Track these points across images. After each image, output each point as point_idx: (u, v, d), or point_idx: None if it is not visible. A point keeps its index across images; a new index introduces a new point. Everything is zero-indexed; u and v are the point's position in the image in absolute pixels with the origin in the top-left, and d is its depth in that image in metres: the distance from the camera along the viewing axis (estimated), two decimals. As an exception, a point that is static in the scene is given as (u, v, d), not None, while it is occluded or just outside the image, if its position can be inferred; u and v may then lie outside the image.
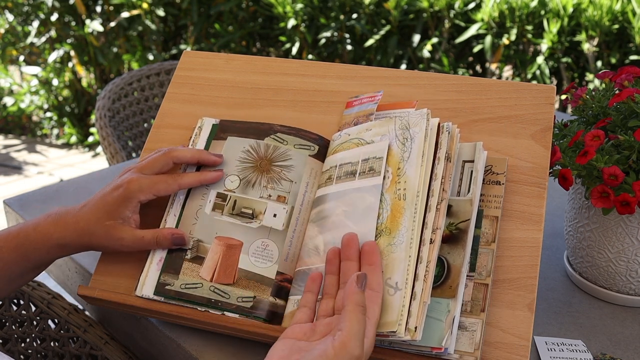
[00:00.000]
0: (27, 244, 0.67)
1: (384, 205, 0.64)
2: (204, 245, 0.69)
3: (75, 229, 0.67)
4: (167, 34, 3.54)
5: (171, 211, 0.71)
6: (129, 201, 0.67)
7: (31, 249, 0.67)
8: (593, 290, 0.81)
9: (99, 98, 1.56)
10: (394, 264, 0.60)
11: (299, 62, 0.84)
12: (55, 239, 0.67)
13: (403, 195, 0.63)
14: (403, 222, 0.62)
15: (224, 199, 0.71)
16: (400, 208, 0.63)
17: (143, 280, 0.68)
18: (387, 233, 0.62)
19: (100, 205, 0.67)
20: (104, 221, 0.67)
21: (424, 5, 2.66)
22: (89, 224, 0.67)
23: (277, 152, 0.73)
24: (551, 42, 2.44)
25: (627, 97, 0.73)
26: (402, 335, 0.57)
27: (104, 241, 0.67)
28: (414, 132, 0.66)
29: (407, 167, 0.65)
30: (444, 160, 0.65)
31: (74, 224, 0.67)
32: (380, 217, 0.64)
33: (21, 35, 3.68)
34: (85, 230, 0.67)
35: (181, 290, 0.67)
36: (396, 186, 0.64)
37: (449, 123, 0.67)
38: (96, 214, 0.67)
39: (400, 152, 0.66)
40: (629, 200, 0.68)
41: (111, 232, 0.67)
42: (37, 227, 0.67)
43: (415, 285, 0.59)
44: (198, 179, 0.71)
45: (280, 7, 2.86)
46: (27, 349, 0.88)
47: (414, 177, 0.64)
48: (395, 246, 0.61)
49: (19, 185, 3.12)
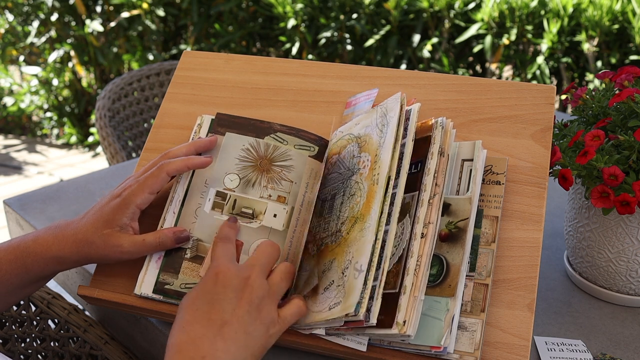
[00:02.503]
0: (26, 256, 0.66)
1: (362, 193, 0.64)
2: (204, 245, 0.69)
3: (74, 240, 0.66)
4: (167, 34, 3.54)
5: (170, 208, 0.71)
6: (125, 207, 0.67)
7: (30, 261, 0.66)
8: (593, 290, 0.81)
9: (99, 98, 1.56)
10: (362, 248, 0.60)
11: (299, 62, 0.84)
12: (53, 251, 0.66)
13: (377, 180, 0.63)
14: (374, 206, 0.62)
15: (223, 198, 0.71)
16: (374, 193, 0.63)
17: (142, 279, 0.68)
18: (361, 219, 0.62)
19: (98, 214, 0.67)
20: (102, 230, 0.66)
21: (424, 5, 2.66)
22: (86, 235, 0.66)
23: (278, 152, 0.73)
24: (551, 42, 2.44)
25: (627, 97, 0.73)
26: (360, 317, 0.57)
27: (102, 250, 0.66)
28: (390, 117, 0.66)
29: (382, 152, 0.65)
30: (437, 155, 0.65)
31: (72, 235, 0.67)
32: (357, 205, 0.64)
33: (21, 35, 3.68)
34: (83, 241, 0.66)
35: (181, 289, 0.67)
36: (372, 172, 0.64)
37: (443, 118, 0.67)
38: (94, 224, 0.67)
39: (378, 139, 0.66)
40: (629, 200, 0.68)
41: (109, 240, 0.66)
42: (36, 239, 0.67)
43: (405, 279, 0.59)
44: (185, 163, 0.70)
45: (280, 7, 2.86)
46: (27, 349, 0.88)
47: (386, 161, 0.63)
48: (365, 230, 0.61)
49: (19, 185, 3.12)
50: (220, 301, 0.57)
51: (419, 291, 0.59)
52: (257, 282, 0.59)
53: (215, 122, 0.76)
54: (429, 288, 0.61)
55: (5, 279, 0.67)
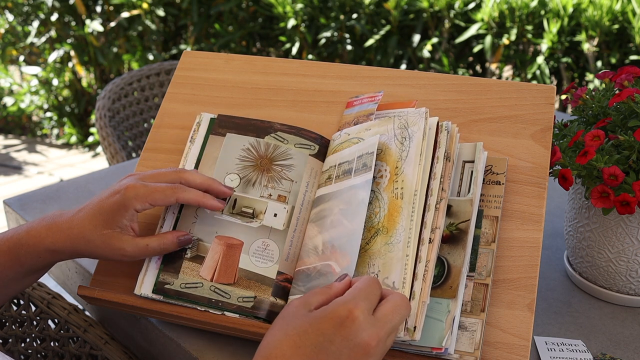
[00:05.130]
0: (19, 248, 0.65)
1: (382, 204, 0.64)
2: (204, 245, 0.69)
3: (69, 235, 0.64)
4: (167, 34, 3.54)
5: (170, 209, 0.71)
6: (125, 209, 0.64)
7: (23, 252, 0.65)
8: (593, 290, 0.81)
9: (99, 98, 1.56)
10: (391, 264, 0.60)
11: (299, 62, 0.84)
12: (47, 243, 0.65)
13: (400, 195, 0.63)
14: (400, 221, 0.62)
15: (223, 198, 0.71)
16: (398, 207, 0.63)
17: (142, 279, 0.68)
18: (384, 232, 0.62)
19: (96, 211, 0.65)
20: (101, 230, 0.64)
21: (424, 5, 2.66)
22: (84, 231, 0.64)
23: (278, 151, 0.73)
24: (551, 42, 2.44)
25: (627, 97, 0.73)
26: (401, 335, 0.57)
27: (101, 251, 0.65)
28: (412, 132, 0.66)
29: (405, 166, 0.65)
30: (443, 159, 0.65)
31: (67, 229, 0.65)
32: (377, 216, 0.64)
33: (21, 35, 3.68)
34: (79, 237, 0.64)
35: (181, 289, 0.67)
36: (394, 185, 0.64)
37: (449, 122, 0.67)
38: (92, 221, 0.64)
39: (398, 151, 0.66)
40: (629, 200, 0.68)
41: (110, 242, 0.64)
42: (30, 230, 0.66)
43: (415, 285, 0.59)
44: (199, 200, 0.67)
45: (280, 7, 2.86)
46: (27, 349, 0.88)
47: (411, 176, 0.64)
48: (392, 245, 0.61)
49: (19, 185, 3.12)
50: (330, 355, 0.51)
51: (426, 296, 0.59)
52: (377, 355, 0.52)
53: (216, 124, 0.76)
54: (430, 289, 0.61)
55: (0, 272, 0.66)
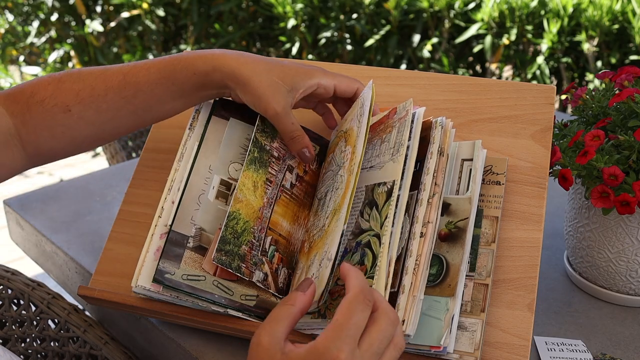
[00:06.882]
0: (176, 64, 0.66)
1: (341, 185, 0.64)
2: (207, 235, 0.66)
3: (238, 62, 0.66)
4: (167, 34, 3.54)
5: (174, 186, 0.67)
6: (307, 75, 0.67)
7: (179, 68, 0.66)
8: (593, 290, 0.81)
9: (99, 98, 1.55)
10: (332, 238, 0.60)
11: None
12: (199, 64, 0.66)
13: (352, 170, 0.63)
14: (347, 195, 0.61)
15: (228, 188, 0.68)
16: (348, 183, 0.62)
17: (139, 271, 0.63)
18: (338, 210, 0.62)
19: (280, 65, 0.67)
20: (273, 76, 0.65)
21: (424, 5, 2.66)
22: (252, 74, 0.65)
23: None
24: (551, 42, 2.44)
25: (627, 97, 0.73)
26: None
27: (257, 99, 0.66)
28: (365, 108, 0.66)
29: (357, 142, 0.65)
30: (437, 154, 0.65)
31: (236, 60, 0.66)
32: (339, 198, 0.63)
33: (21, 35, 3.68)
34: (244, 65, 0.65)
35: (182, 281, 0.63)
36: (351, 164, 0.64)
37: (443, 118, 0.67)
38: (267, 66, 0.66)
39: (357, 130, 0.66)
40: (629, 200, 0.68)
41: (276, 91, 0.65)
42: (202, 52, 0.67)
43: (404, 279, 0.59)
44: None
45: (280, 7, 2.86)
46: (27, 349, 0.88)
47: (359, 149, 0.64)
48: (338, 220, 0.61)
49: (19, 185, 3.12)
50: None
51: (418, 290, 0.59)
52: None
53: (218, 105, 0.72)
54: (429, 288, 0.61)
55: (150, 90, 0.67)
